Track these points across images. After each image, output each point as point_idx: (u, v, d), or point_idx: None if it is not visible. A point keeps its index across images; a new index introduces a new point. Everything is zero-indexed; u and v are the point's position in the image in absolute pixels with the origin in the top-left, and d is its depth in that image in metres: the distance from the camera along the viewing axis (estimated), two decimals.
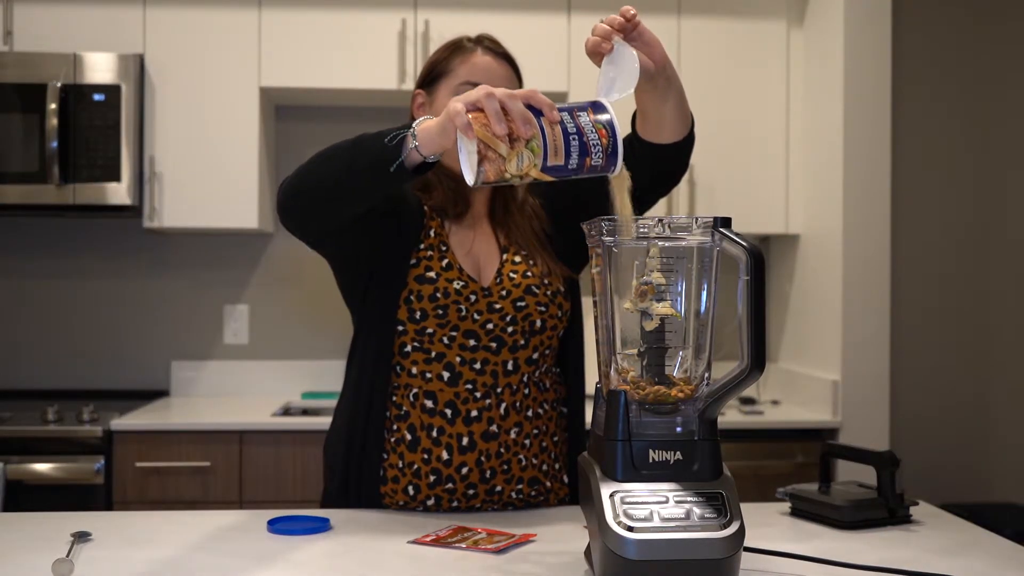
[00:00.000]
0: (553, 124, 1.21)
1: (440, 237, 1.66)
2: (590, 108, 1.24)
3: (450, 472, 1.60)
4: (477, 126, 1.20)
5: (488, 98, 1.19)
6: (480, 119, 1.20)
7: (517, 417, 1.63)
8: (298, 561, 1.36)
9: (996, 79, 3.88)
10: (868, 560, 1.33)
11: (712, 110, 3.50)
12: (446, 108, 1.24)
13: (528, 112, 1.20)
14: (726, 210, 3.34)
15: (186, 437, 3.04)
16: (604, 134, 1.22)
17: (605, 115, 1.24)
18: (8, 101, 3.19)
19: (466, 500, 1.62)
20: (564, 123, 1.21)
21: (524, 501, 1.66)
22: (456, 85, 1.67)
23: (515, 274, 1.67)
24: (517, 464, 1.63)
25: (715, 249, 1.22)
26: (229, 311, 3.72)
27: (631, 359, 1.25)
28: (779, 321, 3.76)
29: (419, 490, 1.61)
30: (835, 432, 3.24)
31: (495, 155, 1.19)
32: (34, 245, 3.67)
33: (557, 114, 1.21)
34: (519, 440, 1.63)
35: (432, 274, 1.61)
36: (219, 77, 3.36)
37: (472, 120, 1.19)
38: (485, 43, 1.72)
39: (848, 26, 3.25)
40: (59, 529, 1.46)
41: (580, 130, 1.22)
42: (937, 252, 3.86)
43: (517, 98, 1.20)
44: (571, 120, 1.22)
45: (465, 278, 1.63)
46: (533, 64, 3.48)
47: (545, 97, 1.22)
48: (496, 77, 1.67)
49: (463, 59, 1.69)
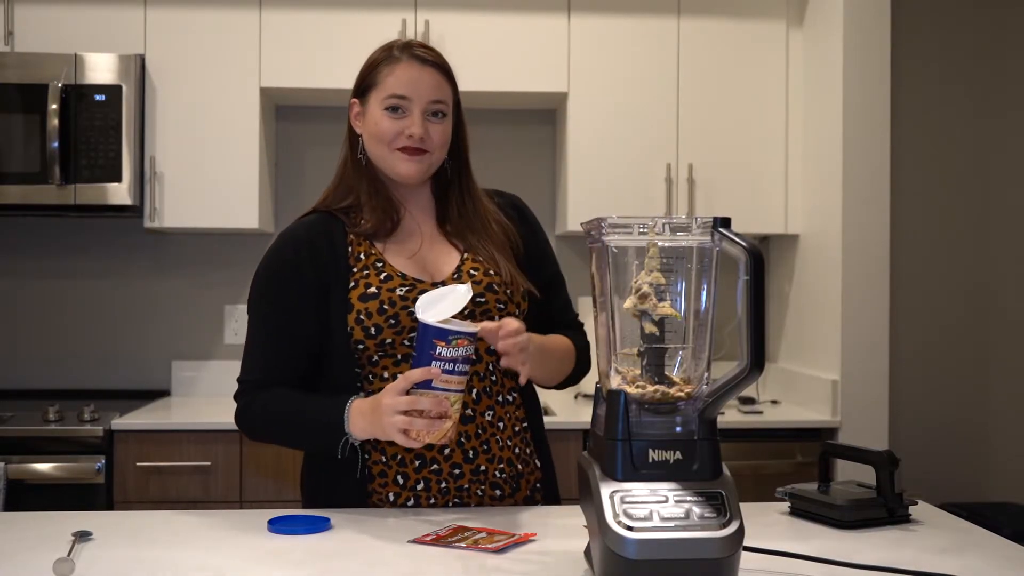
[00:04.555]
0: (441, 377, 1.46)
1: (373, 256, 1.70)
2: (440, 339, 1.46)
3: (434, 455, 1.65)
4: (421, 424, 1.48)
5: (410, 407, 1.47)
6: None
7: (489, 401, 1.68)
8: (298, 561, 1.36)
9: (996, 79, 3.88)
10: (867, 560, 1.33)
11: (712, 110, 3.51)
12: (382, 420, 1.49)
13: (431, 399, 1.47)
14: (726, 210, 3.34)
15: (187, 437, 3.05)
16: (462, 342, 1.46)
17: (453, 332, 1.46)
18: (9, 101, 3.19)
19: (454, 480, 1.65)
20: (444, 368, 1.46)
21: (508, 482, 1.69)
22: (383, 98, 1.69)
23: (476, 272, 1.71)
24: (496, 444, 1.68)
25: (715, 249, 1.22)
26: (230, 311, 3.73)
27: (631, 359, 1.25)
28: (779, 321, 3.76)
29: (408, 477, 1.65)
30: (834, 432, 3.24)
31: (448, 419, 1.49)
32: (35, 245, 3.67)
33: (436, 369, 1.46)
34: (494, 422, 1.69)
35: (373, 289, 1.65)
36: (219, 77, 3.36)
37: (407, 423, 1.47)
38: (414, 51, 1.71)
39: (848, 26, 3.26)
40: (60, 528, 1.46)
41: (453, 359, 1.46)
42: (936, 252, 3.86)
43: (404, 403, 1.47)
44: (448, 360, 1.46)
45: (410, 281, 1.67)
46: (533, 64, 3.51)
47: (414, 372, 1.47)
48: (423, 87, 1.68)
49: (390, 70, 1.69)
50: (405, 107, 1.68)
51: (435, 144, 1.70)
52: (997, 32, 3.87)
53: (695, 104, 3.51)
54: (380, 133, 1.69)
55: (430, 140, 1.69)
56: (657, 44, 3.50)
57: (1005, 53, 3.86)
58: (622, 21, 3.49)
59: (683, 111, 3.50)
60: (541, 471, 1.77)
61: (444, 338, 1.45)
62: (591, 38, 3.48)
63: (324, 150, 3.70)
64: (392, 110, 1.68)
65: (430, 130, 1.69)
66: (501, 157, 3.76)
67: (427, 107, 1.69)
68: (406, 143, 1.68)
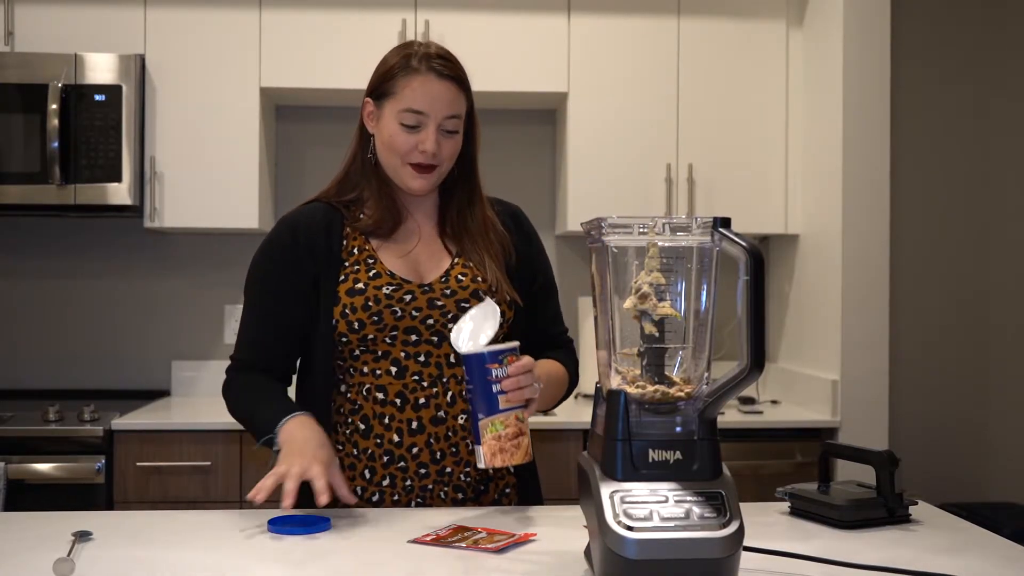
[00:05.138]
0: (506, 396, 1.50)
1: (366, 252, 1.72)
2: (493, 362, 1.50)
3: (402, 452, 1.68)
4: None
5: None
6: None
7: (464, 405, 1.69)
8: (298, 561, 1.36)
9: (996, 79, 3.88)
10: (867, 560, 1.33)
11: (712, 110, 3.51)
12: (281, 471, 1.54)
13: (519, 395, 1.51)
14: (726, 210, 3.34)
15: (187, 437, 3.05)
16: (512, 358, 1.51)
17: (502, 351, 1.51)
18: (9, 101, 3.19)
19: (419, 479, 1.68)
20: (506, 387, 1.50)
21: (472, 486, 1.71)
22: (399, 110, 1.69)
23: (463, 277, 1.73)
24: (465, 448, 1.70)
25: (715, 249, 1.22)
26: (230, 311, 3.73)
27: (631, 359, 1.25)
28: (779, 321, 3.76)
29: (374, 472, 1.69)
30: (834, 432, 3.24)
31: (525, 436, 1.53)
32: (35, 245, 3.67)
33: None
34: (466, 426, 1.70)
35: (360, 285, 1.68)
36: (219, 77, 3.36)
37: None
38: (434, 63, 1.69)
39: (847, 26, 3.26)
40: (60, 528, 1.46)
41: (498, 379, 1.50)
42: (936, 252, 3.86)
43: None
44: (505, 379, 1.50)
45: (397, 281, 1.69)
46: (533, 64, 3.51)
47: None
48: (440, 103, 1.68)
49: (407, 82, 1.68)
50: (421, 122, 1.68)
51: (445, 158, 1.72)
52: (997, 32, 3.87)
53: (695, 104, 3.51)
54: (394, 145, 1.70)
55: (440, 155, 1.70)
56: (657, 44, 3.50)
57: (1005, 53, 3.86)
58: (622, 21, 3.49)
59: (683, 111, 3.50)
60: (515, 476, 1.78)
61: (496, 360, 1.49)
62: (591, 38, 3.48)
63: (324, 150, 3.71)
64: (408, 125, 1.69)
65: (442, 144, 1.70)
66: (501, 157, 3.76)
67: (442, 123, 1.69)
68: (419, 159, 1.69)
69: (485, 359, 1.49)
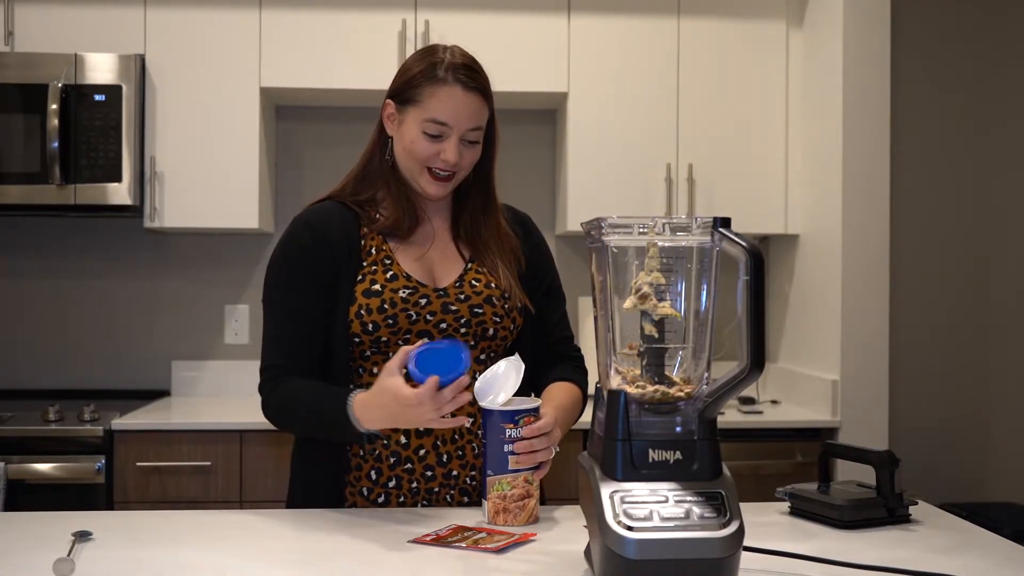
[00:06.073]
0: (516, 458, 1.52)
1: (384, 252, 1.71)
2: (508, 422, 1.51)
3: (408, 454, 1.68)
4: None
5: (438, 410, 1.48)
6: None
7: (471, 408, 1.67)
8: (298, 561, 1.36)
9: (995, 79, 3.88)
10: (867, 559, 1.33)
11: (712, 110, 3.51)
12: (412, 419, 1.49)
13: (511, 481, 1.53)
14: (726, 210, 3.35)
15: (187, 437, 3.05)
16: (528, 420, 1.52)
17: (520, 411, 1.52)
18: (9, 101, 3.19)
19: (425, 482, 1.68)
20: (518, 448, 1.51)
21: (477, 490, 1.71)
22: (423, 120, 1.68)
23: (477, 283, 1.73)
24: (471, 451, 1.71)
25: (715, 249, 1.22)
26: (230, 311, 3.73)
27: (631, 359, 1.25)
28: (779, 321, 3.76)
29: (381, 473, 1.68)
30: (834, 432, 3.24)
31: (532, 498, 1.56)
32: (34, 245, 3.67)
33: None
34: (472, 429, 1.70)
35: (377, 287, 1.67)
36: (219, 77, 3.36)
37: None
38: (460, 75, 1.68)
39: (847, 26, 3.26)
40: (60, 528, 1.46)
41: (523, 437, 1.51)
42: (936, 252, 3.86)
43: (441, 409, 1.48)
44: (519, 440, 1.51)
45: (413, 284, 1.69)
46: (533, 64, 3.51)
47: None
48: (464, 115, 1.68)
49: (432, 91, 1.67)
50: (444, 132, 1.68)
51: (464, 166, 1.73)
52: (997, 33, 3.87)
53: (695, 104, 3.51)
54: (414, 151, 1.70)
55: (460, 163, 1.71)
56: (657, 44, 3.50)
57: (1005, 53, 3.86)
58: (622, 21, 3.49)
59: (683, 111, 3.50)
60: None
61: (512, 420, 1.50)
62: (591, 38, 3.48)
63: (324, 150, 3.71)
64: (431, 135, 1.68)
65: (463, 154, 1.70)
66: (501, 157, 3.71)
67: (465, 134, 1.69)
68: (439, 166, 1.69)
69: (500, 418, 1.50)
